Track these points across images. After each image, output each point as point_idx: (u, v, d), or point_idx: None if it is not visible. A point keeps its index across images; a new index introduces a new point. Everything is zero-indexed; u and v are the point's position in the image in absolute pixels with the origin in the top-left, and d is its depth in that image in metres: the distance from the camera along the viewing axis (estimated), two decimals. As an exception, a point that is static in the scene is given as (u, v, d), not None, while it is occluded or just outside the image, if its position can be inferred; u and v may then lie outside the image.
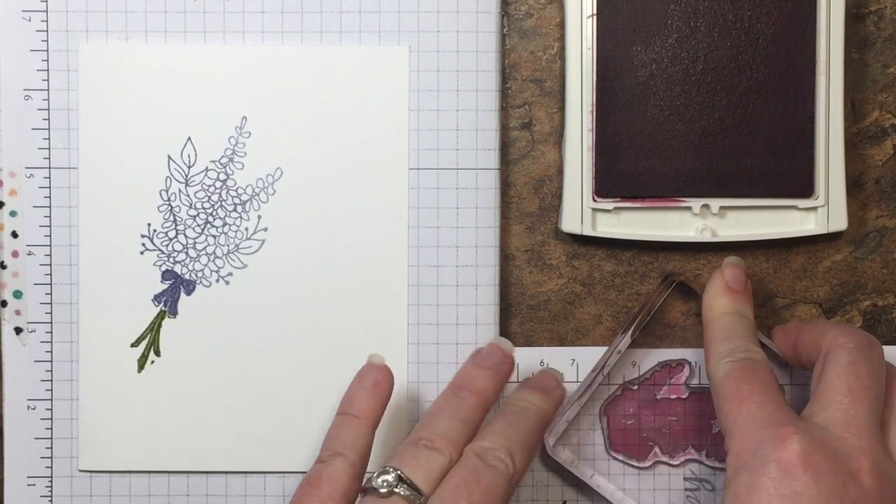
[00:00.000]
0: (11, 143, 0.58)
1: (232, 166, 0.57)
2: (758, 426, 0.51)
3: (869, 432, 0.51)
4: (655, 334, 0.60)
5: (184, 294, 0.57)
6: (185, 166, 0.56)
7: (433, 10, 0.58)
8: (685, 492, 0.60)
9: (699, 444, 0.60)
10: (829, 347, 0.53)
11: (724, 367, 0.53)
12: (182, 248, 0.56)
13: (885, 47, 0.60)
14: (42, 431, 0.58)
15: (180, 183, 0.56)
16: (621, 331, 0.59)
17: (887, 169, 0.60)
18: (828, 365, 0.53)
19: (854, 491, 0.49)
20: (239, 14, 0.58)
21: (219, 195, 0.56)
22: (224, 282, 0.57)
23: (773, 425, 0.50)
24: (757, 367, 0.53)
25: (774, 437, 0.50)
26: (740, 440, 0.51)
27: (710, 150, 0.58)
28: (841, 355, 0.53)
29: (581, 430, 0.60)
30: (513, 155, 0.60)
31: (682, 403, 0.60)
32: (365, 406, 0.52)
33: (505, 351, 0.55)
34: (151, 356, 0.58)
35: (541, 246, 0.60)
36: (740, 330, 0.55)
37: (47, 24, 0.57)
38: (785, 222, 0.59)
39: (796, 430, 0.50)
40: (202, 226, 0.56)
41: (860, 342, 0.53)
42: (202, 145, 0.56)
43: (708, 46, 0.58)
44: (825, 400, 0.52)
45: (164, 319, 0.57)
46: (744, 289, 0.57)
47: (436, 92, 0.58)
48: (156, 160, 0.57)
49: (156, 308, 0.57)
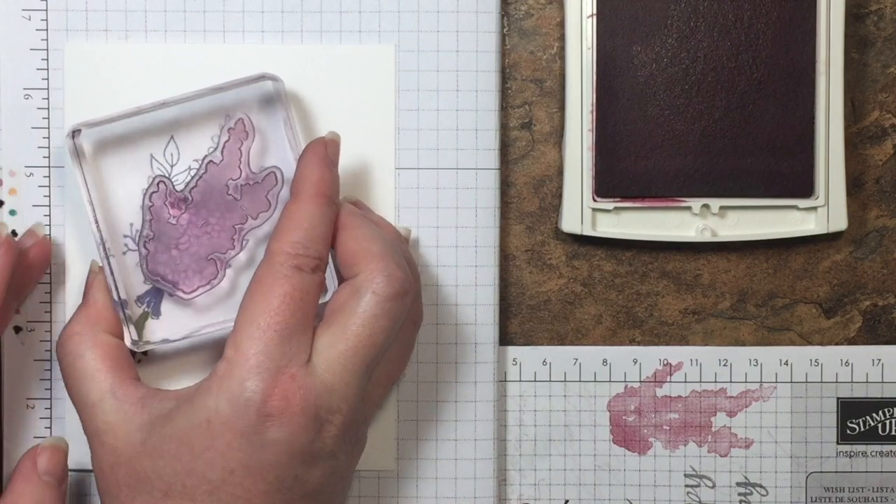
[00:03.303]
0: (11, 141, 0.58)
1: (215, 175, 0.56)
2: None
3: (353, 388, 0.50)
4: (655, 333, 0.60)
5: (167, 294, 0.56)
6: (168, 165, 0.56)
7: (433, 9, 0.58)
8: (685, 488, 0.60)
9: (700, 441, 0.60)
10: (363, 283, 0.51)
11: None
12: (164, 249, 0.56)
13: (885, 47, 0.60)
14: (42, 430, 0.58)
15: (164, 194, 0.56)
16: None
17: (887, 169, 0.60)
18: (354, 302, 0.51)
19: (318, 445, 0.50)
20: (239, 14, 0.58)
21: (204, 205, 0.56)
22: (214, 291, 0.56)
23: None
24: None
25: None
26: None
27: (710, 150, 0.58)
28: (370, 301, 0.51)
29: (583, 427, 0.60)
30: (513, 155, 0.60)
31: (683, 400, 0.60)
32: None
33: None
34: (138, 356, 0.57)
35: (541, 246, 0.60)
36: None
37: (47, 22, 0.57)
38: (785, 222, 0.59)
39: (293, 378, 0.49)
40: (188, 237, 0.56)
41: (395, 291, 0.51)
42: (186, 144, 0.56)
43: (708, 46, 0.58)
44: (334, 338, 0.50)
45: (148, 320, 0.56)
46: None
47: (436, 92, 0.58)
48: (139, 160, 0.56)
49: (139, 309, 0.56)
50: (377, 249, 0.51)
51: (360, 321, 0.50)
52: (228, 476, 0.49)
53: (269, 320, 0.49)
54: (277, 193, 0.56)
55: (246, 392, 0.49)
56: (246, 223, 0.56)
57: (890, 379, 0.61)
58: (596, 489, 0.60)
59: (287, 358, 0.49)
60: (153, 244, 0.56)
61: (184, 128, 0.56)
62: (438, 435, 0.59)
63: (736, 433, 0.61)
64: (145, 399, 0.52)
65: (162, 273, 0.56)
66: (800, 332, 0.61)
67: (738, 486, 0.61)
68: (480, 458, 0.59)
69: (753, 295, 0.60)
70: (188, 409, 0.50)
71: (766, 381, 0.60)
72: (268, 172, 0.56)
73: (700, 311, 0.60)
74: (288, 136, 0.55)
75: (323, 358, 0.50)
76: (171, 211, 0.56)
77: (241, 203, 0.56)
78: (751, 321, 0.60)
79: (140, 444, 0.50)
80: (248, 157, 0.56)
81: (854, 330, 0.61)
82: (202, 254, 0.56)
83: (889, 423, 0.61)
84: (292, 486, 0.50)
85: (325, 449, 0.50)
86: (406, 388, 0.59)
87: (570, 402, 0.60)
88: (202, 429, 0.49)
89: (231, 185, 0.56)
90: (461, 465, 0.59)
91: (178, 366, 0.58)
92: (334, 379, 0.50)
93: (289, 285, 0.50)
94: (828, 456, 0.61)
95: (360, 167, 0.58)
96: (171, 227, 0.56)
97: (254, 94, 0.56)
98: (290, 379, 0.49)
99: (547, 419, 0.60)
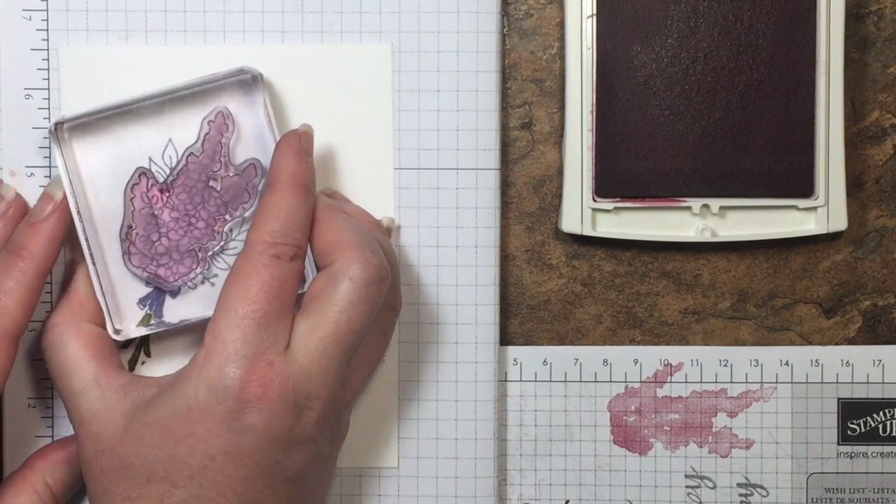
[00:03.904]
0: (12, 142, 0.58)
1: (196, 167, 0.56)
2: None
3: (331, 374, 0.51)
4: (655, 333, 0.60)
5: (169, 297, 0.56)
6: (167, 167, 0.56)
7: (434, 10, 0.58)
8: (686, 489, 0.60)
9: (700, 442, 0.60)
10: (340, 270, 0.51)
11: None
12: (165, 251, 0.56)
13: (885, 47, 0.60)
14: (43, 430, 0.58)
15: (146, 187, 0.56)
16: None
17: (887, 169, 0.60)
18: (331, 289, 0.51)
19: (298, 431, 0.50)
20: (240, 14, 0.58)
21: (186, 197, 0.56)
22: (210, 283, 0.57)
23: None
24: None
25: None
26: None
27: (710, 150, 0.58)
28: (347, 288, 0.51)
29: (583, 427, 0.60)
30: (513, 155, 0.60)
31: (684, 401, 0.60)
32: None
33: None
34: (142, 357, 0.58)
35: (541, 246, 0.60)
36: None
37: (47, 23, 0.57)
38: (785, 222, 0.59)
39: (271, 365, 0.50)
40: (171, 229, 0.56)
41: (371, 277, 0.51)
42: (183, 146, 0.56)
43: (708, 46, 0.58)
44: (312, 325, 0.51)
45: (151, 321, 0.57)
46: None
47: (436, 92, 0.58)
48: (122, 165, 0.56)
49: (141, 311, 0.56)
50: (352, 238, 0.52)
51: (337, 308, 0.51)
52: (209, 462, 0.49)
53: (248, 308, 0.50)
54: (257, 185, 0.56)
55: (224, 379, 0.49)
56: (228, 214, 0.56)
57: (890, 379, 0.61)
58: (596, 490, 0.60)
59: (265, 345, 0.50)
60: (136, 236, 0.56)
61: (166, 123, 0.56)
62: (439, 434, 0.59)
63: (736, 434, 0.60)
64: (128, 386, 0.52)
65: (144, 264, 0.56)
66: (800, 332, 0.61)
67: (739, 486, 0.61)
68: (481, 457, 0.59)
69: (753, 295, 0.60)
70: (169, 396, 0.50)
71: (766, 382, 0.60)
72: (248, 164, 0.56)
73: (700, 311, 0.60)
74: (267, 128, 0.56)
75: (301, 345, 0.50)
76: (153, 203, 0.56)
77: (222, 195, 0.56)
78: (751, 321, 0.60)
79: (123, 431, 0.51)
80: (228, 149, 0.56)
81: (854, 330, 0.61)
82: (184, 245, 0.56)
83: (890, 423, 0.61)
84: (272, 472, 0.50)
85: (306, 434, 0.50)
86: (407, 386, 0.59)
87: (571, 403, 0.60)
88: (182, 415, 0.50)
89: (212, 177, 0.56)
90: (462, 464, 0.59)
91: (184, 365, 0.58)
92: (312, 365, 0.50)
93: (267, 274, 0.50)
94: (828, 457, 0.61)
95: (359, 167, 0.58)
96: (152, 218, 0.56)
97: (233, 86, 0.56)
98: (267, 366, 0.50)
99: (547, 419, 0.60)
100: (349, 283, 0.51)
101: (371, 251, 0.52)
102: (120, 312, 0.56)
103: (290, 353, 0.50)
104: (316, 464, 0.52)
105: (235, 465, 0.49)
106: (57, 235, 0.54)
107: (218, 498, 0.49)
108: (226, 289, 0.51)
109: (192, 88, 0.56)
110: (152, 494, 0.50)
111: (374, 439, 0.59)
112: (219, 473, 0.49)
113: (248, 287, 0.50)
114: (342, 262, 0.51)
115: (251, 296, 0.50)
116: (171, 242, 0.56)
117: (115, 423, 0.51)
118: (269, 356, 0.50)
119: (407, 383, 0.59)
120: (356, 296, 0.51)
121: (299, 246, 0.52)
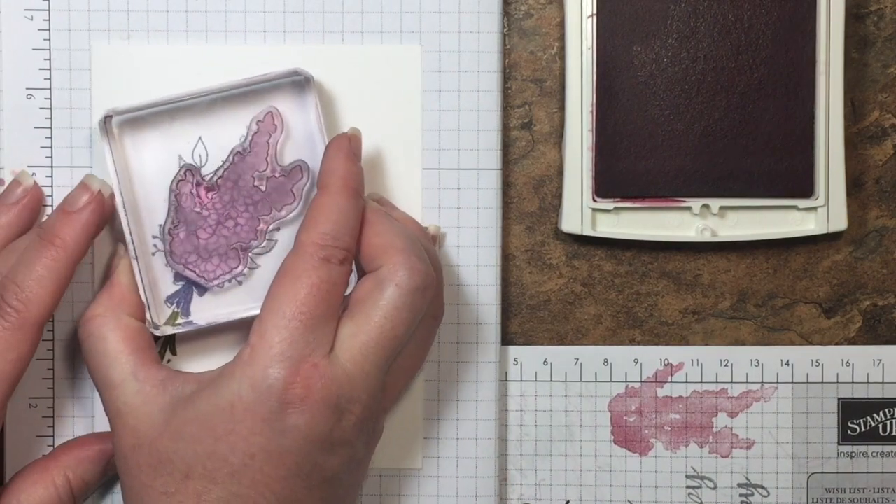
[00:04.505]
0: (14, 141, 0.58)
1: (242, 166, 0.56)
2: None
3: (373, 379, 0.51)
4: (655, 333, 0.60)
5: (196, 295, 0.57)
6: (213, 165, 0.56)
7: (435, 10, 0.58)
8: (686, 489, 0.60)
9: (701, 442, 0.60)
10: (386, 276, 0.52)
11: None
12: (194, 249, 0.56)
13: (885, 47, 0.60)
14: (44, 429, 0.58)
15: (191, 183, 0.56)
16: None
17: (887, 169, 0.60)
18: (377, 294, 0.51)
19: (338, 434, 0.50)
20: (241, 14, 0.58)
21: (230, 195, 0.56)
22: (237, 282, 0.57)
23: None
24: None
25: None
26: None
27: (710, 150, 0.58)
28: (393, 294, 0.51)
29: (584, 427, 0.60)
30: (513, 155, 0.60)
31: (684, 401, 0.60)
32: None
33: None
34: (168, 355, 0.58)
35: (541, 246, 0.60)
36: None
37: (49, 22, 0.57)
38: (785, 222, 0.59)
39: (316, 367, 0.50)
40: (213, 226, 0.56)
41: (417, 284, 0.51)
42: (230, 145, 0.56)
43: (708, 46, 0.58)
44: (356, 329, 0.51)
45: (178, 319, 0.57)
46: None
47: (437, 92, 0.58)
48: (167, 160, 0.56)
49: (168, 309, 0.57)
50: (400, 244, 0.52)
51: (382, 313, 0.51)
52: (249, 460, 0.49)
53: (295, 310, 0.50)
54: (303, 187, 0.56)
55: (269, 379, 0.50)
56: (270, 214, 0.56)
57: (890, 379, 0.61)
58: (597, 490, 0.60)
59: (311, 347, 0.50)
60: (178, 231, 0.56)
61: (214, 121, 0.56)
62: (440, 433, 0.59)
63: (737, 434, 0.61)
64: (166, 381, 0.52)
65: (185, 261, 0.56)
66: (800, 332, 0.61)
67: (740, 486, 0.61)
68: (482, 456, 0.59)
69: (753, 295, 0.60)
70: (211, 393, 0.50)
71: (766, 382, 0.60)
72: (294, 166, 0.56)
73: (700, 311, 0.60)
74: (316, 130, 0.56)
75: (345, 348, 0.51)
76: (197, 200, 0.56)
77: (267, 195, 0.56)
78: (751, 321, 0.61)
79: (161, 426, 0.51)
80: (275, 149, 0.56)
81: (854, 330, 0.61)
82: (226, 244, 0.56)
83: (890, 423, 0.61)
84: (311, 473, 0.50)
85: (344, 437, 0.51)
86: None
87: (571, 402, 0.60)
88: (225, 413, 0.50)
89: (257, 176, 0.56)
90: (463, 464, 0.59)
91: (209, 363, 0.58)
92: (355, 369, 0.51)
93: (316, 276, 0.51)
94: (829, 457, 0.61)
95: (384, 166, 0.58)
96: (196, 215, 0.56)
97: (284, 88, 0.56)
98: (312, 368, 0.50)
99: (548, 419, 0.60)
100: (395, 288, 0.51)
101: (418, 258, 0.52)
102: (153, 309, 0.56)
103: (333, 356, 0.50)
104: (351, 466, 0.52)
105: (275, 465, 0.50)
106: (91, 226, 0.54)
107: (256, 497, 0.50)
108: (274, 289, 0.51)
109: (244, 87, 0.56)
110: (190, 490, 0.50)
111: (394, 439, 0.58)
112: (258, 472, 0.50)
113: (298, 289, 0.50)
114: (389, 267, 0.52)
115: (300, 298, 0.50)
116: (215, 239, 0.56)
117: (152, 417, 0.51)
118: (313, 358, 0.50)
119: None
120: (401, 302, 0.51)
121: (349, 249, 0.52)
